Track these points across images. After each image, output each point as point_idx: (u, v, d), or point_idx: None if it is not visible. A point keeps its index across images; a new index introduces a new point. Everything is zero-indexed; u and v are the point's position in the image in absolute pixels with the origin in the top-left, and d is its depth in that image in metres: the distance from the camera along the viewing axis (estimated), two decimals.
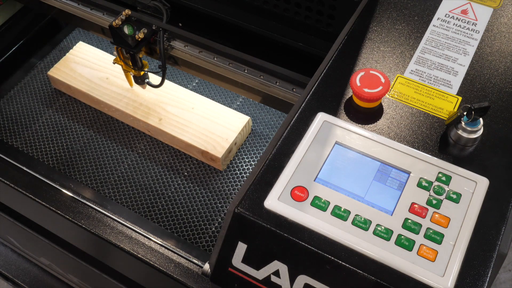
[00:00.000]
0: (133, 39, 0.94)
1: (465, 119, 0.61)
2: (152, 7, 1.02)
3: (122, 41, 0.94)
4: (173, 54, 0.98)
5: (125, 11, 0.93)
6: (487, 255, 0.55)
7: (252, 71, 0.92)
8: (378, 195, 0.59)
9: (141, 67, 1.01)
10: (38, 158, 1.09)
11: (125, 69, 1.04)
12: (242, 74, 0.92)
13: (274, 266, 0.59)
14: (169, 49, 0.97)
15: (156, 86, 1.03)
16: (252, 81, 0.91)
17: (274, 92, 0.90)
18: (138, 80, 1.06)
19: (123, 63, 1.01)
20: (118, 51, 0.99)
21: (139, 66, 1.01)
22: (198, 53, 0.95)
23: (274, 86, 0.89)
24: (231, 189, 1.03)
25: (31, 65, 1.26)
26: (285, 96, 0.89)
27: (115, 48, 0.98)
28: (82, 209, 0.89)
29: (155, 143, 1.10)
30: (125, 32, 0.93)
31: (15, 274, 1.23)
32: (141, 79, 1.05)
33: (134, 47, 0.94)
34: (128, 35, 0.93)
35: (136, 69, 1.01)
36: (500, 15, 0.76)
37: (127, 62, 1.01)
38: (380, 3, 0.78)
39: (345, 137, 0.64)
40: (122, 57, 1.00)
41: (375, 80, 0.65)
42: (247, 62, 0.91)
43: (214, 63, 0.94)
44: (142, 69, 1.02)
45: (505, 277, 1.58)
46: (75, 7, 1.06)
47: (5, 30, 1.24)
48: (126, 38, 0.93)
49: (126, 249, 0.84)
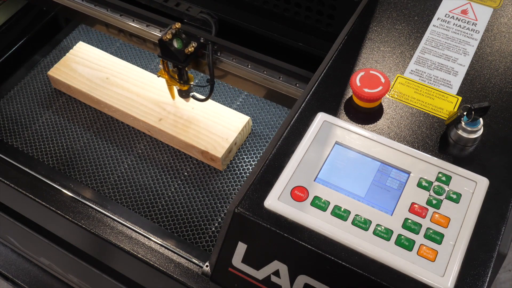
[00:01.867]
0: (182, 53, 0.91)
1: (465, 119, 0.61)
2: (200, 19, 0.99)
3: (171, 55, 0.92)
4: None
5: (175, 24, 0.91)
6: (487, 255, 0.55)
7: (255, 66, 0.92)
8: (378, 195, 0.59)
9: (187, 80, 0.99)
10: (38, 158, 1.09)
11: (169, 83, 1.01)
12: (245, 69, 0.92)
13: (274, 266, 0.59)
14: (217, 62, 0.95)
15: (203, 100, 1.01)
16: (255, 76, 0.91)
17: (277, 87, 0.90)
18: (183, 94, 1.03)
19: (167, 76, 0.99)
20: (164, 64, 0.96)
21: (185, 79, 0.98)
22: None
23: (278, 81, 0.89)
24: (231, 189, 1.03)
25: (31, 65, 1.26)
26: (288, 91, 0.89)
27: (161, 61, 0.96)
28: (82, 209, 0.89)
29: (155, 143, 1.10)
30: (175, 46, 0.91)
31: (15, 274, 1.23)
32: (185, 93, 1.03)
33: (183, 61, 0.92)
34: (178, 49, 0.91)
35: (182, 83, 0.99)
36: (500, 15, 0.76)
37: (172, 76, 0.98)
38: (380, 3, 0.78)
39: (345, 137, 0.64)
40: (168, 70, 0.97)
41: (375, 80, 0.65)
42: (251, 57, 0.91)
43: (217, 58, 0.94)
44: (187, 83, 1.00)
45: (505, 277, 1.58)
46: (79, 3, 1.06)
47: (5, 30, 1.24)
48: (176, 52, 0.91)
49: (126, 249, 0.84)
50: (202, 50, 0.94)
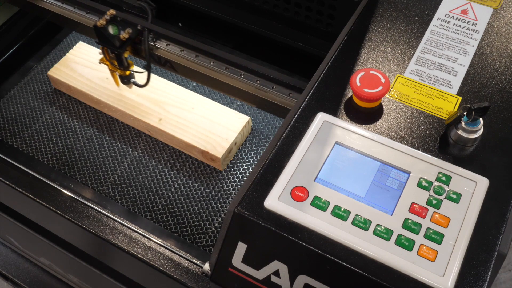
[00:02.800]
0: (118, 39, 0.94)
1: (465, 119, 0.61)
2: (137, 7, 1.02)
3: (107, 41, 0.95)
4: (169, 58, 0.97)
5: (109, 11, 0.93)
6: (487, 255, 0.55)
7: (248, 75, 0.91)
8: (378, 195, 0.59)
9: (127, 66, 1.02)
10: (38, 158, 1.09)
11: (111, 69, 1.04)
12: (238, 79, 0.91)
13: (274, 266, 0.59)
14: (154, 48, 0.98)
15: (142, 85, 1.04)
16: (248, 86, 0.91)
17: (271, 97, 0.89)
18: (124, 80, 1.06)
19: (109, 63, 1.02)
20: (104, 51, 0.99)
21: (124, 65, 1.01)
22: (194, 57, 0.95)
23: (271, 91, 0.89)
24: (231, 189, 1.03)
25: (31, 65, 1.26)
26: (282, 101, 0.88)
27: (101, 48, 0.99)
28: (82, 209, 0.89)
29: (155, 143, 1.10)
30: (109, 32, 0.93)
31: (15, 274, 1.23)
32: (127, 79, 1.06)
33: (119, 47, 0.95)
34: (113, 35, 0.94)
35: (122, 69, 1.01)
36: (500, 15, 0.76)
37: (113, 62, 1.01)
38: (380, 3, 0.78)
39: (345, 137, 0.64)
40: (108, 57, 1.00)
41: (375, 80, 0.65)
42: (244, 67, 0.91)
43: (210, 68, 0.93)
44: (128, 69, 1.02)
45: (505, 277, 1.58)
46: (70, 10, 1.06)
47: (5, 30, 1.24)
48: (111, 38, 0.94)
49: (126, 249, 0.84)
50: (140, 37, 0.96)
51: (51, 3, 1.08)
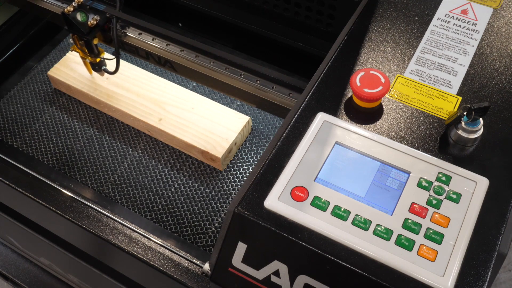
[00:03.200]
0: (86, 25, 0.95)
1: (465, 119, 0.61)
2: None
3: (75, 28, 0.96)
4: (169, 58, 0.98)
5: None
6: (487, 255, 0.55)
7: (248, 76, 0.91)
8: (378, 195, 0.59)
9: (97, 54, 1.03)
10: (38, 158, 1.09)
11: (82, 57, 1.06)
12: (238, 79, 0.91)
13: (274, 266, 0.59)
14: (123, 36, 0.99)
15: (112, 72, 1.05)
16: (248, 86, 0.91)
17: (271, 97, 0.90)
18: (96, 67, 1.08)
19: (79, 50, 1.03)
20: (74, 38, 1.01)
21: (95, 53, 1.02)
22: (194, 57, 0.95)
23: (271, 91, 0.89)
24: (231, 189, 1.03)
25: (31, 65, 1.26)
26: (282, 101, 0.88)
27: (71, 35, 1.00)
28: (82, 209, 0.89)
29: (155, 143, 1.10)
30: (77, 19, 0.95)
31: (15, 274, 1.23)
32: (98, 66, 1.07)
33: (87, 34, 0.96)
34: (81, 22, 0.95)
35: (92, 56, 1.03)
36: (500, 15, 0.76)
37: (83, 50, 1.02)
38: (380, 3, 0.78)
39: (345, 137, 0.64)
40: (79, 45, 1.02)
41: (375, 80, 0.65)
42: (243, 67, 0.91)
43: (210, 68, 0.93)
44: (98, 56, 1.04)
45: (505, 277, 1.58)
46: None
47: (5, 30, 1.24)
48: (79, 24, 0.95)
49: (126, 249, 0.84)
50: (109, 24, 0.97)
51: (51, 3, 1.08)
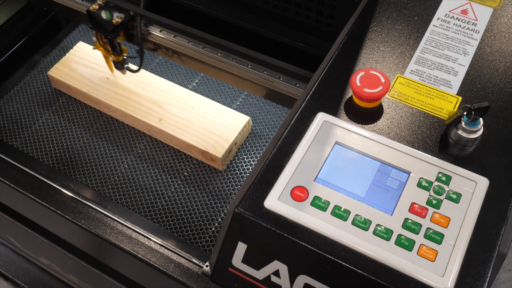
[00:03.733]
0: (110, 24, 0.95)
1: (465, 119, 0.61)
2: None
3: (100, 26, 0.96)
4: (176, 49, 0.98)
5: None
6: (487, 255, 0.55)
7: (255, 66, 0.92)
8: (378, 195, 0.59)
9: (120, 52, 1.03)
10: (38, 158, 1.09)
11: (105, 55, 1.06)
12: (245, 69, 0.92)
13: (274, 266, 0.59)
14: (146, 34, 0.99)
15: (135, 71, 1.05)
16: (255, 76, 0.91)
17: (277, 87, 0.90)
18: (118, 66, 1.08)
19: (102, 48, 1.03)
20: (98, 36, 1.01)
21: (117, 51, 1.03)
22: (202, 48, 0.95)
23: (278, 81, 0.89)
24: (231, 189, 1.03)
25: (31, 65, 1.26)
26: (288, 91, 0.89)
27: (94, 33, 1.00)
28: (82, 209, 0.89)
29: (155, 143, 1.10)
30: (102, 17, 0.95)
31: (15, 274, 1.23)
32: (120, 64, 1.07)
33: (111, 32, 0.96)
34: (106, 20, 0.95)
35: (115, 54, 1.03)
36: (500, 15, 0.76)
37: (106, 48, 1.03)
38: (380, 3, 0.78)
39: (345, 137, 0.64)
40: (102, 43, 1.02)
41: (375, 80, 0.65)
42: (251, 57, 0.91)
43: (218, 59, 0.94)
44: (121, 54, 1.04)
45: (505, 277, 1.58)
46: (79, 3, 1.07)
47: (5, 30, 1.24)
48: (103, 22, 0.95)
49: (126, 249, 0.84)
50: (133, 22, 0.98)
51: None
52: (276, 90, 0.91)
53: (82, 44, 1.24)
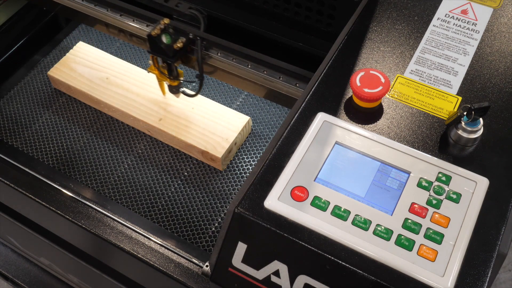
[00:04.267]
0: (171, 48, 0.92)
1: (465, 119, 0.61)
2: (188, 15, 0.99)
3: (160, 50, 0.92)
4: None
5: (163, 20, 0.91)
6: (487, 255, 0.55)
7: (255, 66, 0.91)
8: (378, 195, 0.59)
9: (176, 76, 1.00)
10: (38, 158, 1.09)
11: (159, 78, 1.02)
12: (245, 69, 0.92)
13: (274, 266, 0.59)
14: (207, 58, 0.96)
15: (192, 95, 1.02)
16: (255, 76, 0.91)
17: (277, 87, 0.90)
18: (173, 89, 1.04)
19: (157, 72, 0.99)
20: (154, 60, 0.97)
21: (174, 75, 0.99)
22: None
23: (278, 81, 0.89)
24: (231, 189, 1.03)
25: (31, 65, 1.26)
26: (288, 91, 0.89)
27: (151, 57, 0.96)
28: (82, 209, 0.89)
29: (155, 143, 1.10)
30: (163, 41, 0.91)
31: (15, 274, 1.23)
32: (175, 88, 1.03)
33: (172, 57, 0.93)
34: (167, 45, 0.92)
35: (172, 78, 0.99)
36: (500, 15, 0.76)
37: (162, 71, 0.99)
38: (380, 3, 0.78)
39: (345, 137, 0.64)
40: (158, 66, 0.98)
41: (375, 80, 0.65)
42: (251, 57, 0.91)
43: (218, 58, 0.94)
44: (177, 78, 1.00)
45: (505, 277, 1.58)
46: (79, 3, 1.07)
47: (5, 30, 1.24)
48: (165, 47, 0.91)
49: (126, 249, 0.84)
50: (191, 45, 0.94)
51: None
52: (276, 90, 0.91)
53: (82, 44, 1.24)
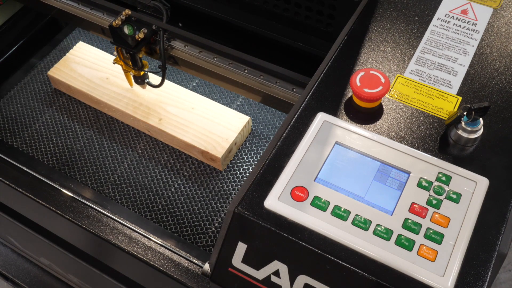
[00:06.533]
0: (133, 39, 0.94)
1: (465, 119, 0.61)
2: (152, 7, 1.02)
3: (122, 41, 0.94)
4: (173, 54, 0.98)
5: (125, 11, 0.93)
6: (487, 255, 0.55)
7: (252, 71, 0.92)
8: (378, 195, 0.59)
9: (141, 67, 1.01)
10: (38, 158, 1.09)
11: (125, 69, 1.04)
12: (242, 74, 0.92)
13: (274, 266, 0.59)
14: (169, 49, 0.97)
15: (156, 86, 1.03)
16: (252, 81, 0.91)
17: (274, 92, 0.90)
18: (138, 80, 1.06)
19: (123, 63, 1.01)
20: (118, 51, 0.99)
21: (139, 66, 1.01)
22: (198, 53, 0.95)
23: (274, 86, 0.89)
24: (231, 189, 1.03)
25: (31, 65, 1.26)
26: (285, 96, 0.89)
27: (115, 48, 0.98)
28: (82, 209, 0.89)
29: (155, 143, 1.10)
30: (125, 32, 0.93)
31: (15, 274, 1.23)
32: (141, 79, 1.05)
33: (134, 47, 0.94)
34: (128, 35, 0.94)
35: (136, 69, 1.01)
36: (500, 15, 0.76)
37: (127, 62, 1.01)
38: (380, 3, 0.78)
39: (345, 137, 0.64)
40: (122, 57, 1.00)
41: (375, 80, 0.65)
42: (247, 62, 0.91)
43: (214, 63, 0.94)
44: (142, 69, 1.02)
45: (505, 277, 1.58)
46: (75, 7, 1.06)
47: (5, 30, 1.24)
48: (126, 38, 0.93)
49: (126, 249, 0.84)
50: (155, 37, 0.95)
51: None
52: (272, 95, 0.91)
53: (82, 44, 1.24)
